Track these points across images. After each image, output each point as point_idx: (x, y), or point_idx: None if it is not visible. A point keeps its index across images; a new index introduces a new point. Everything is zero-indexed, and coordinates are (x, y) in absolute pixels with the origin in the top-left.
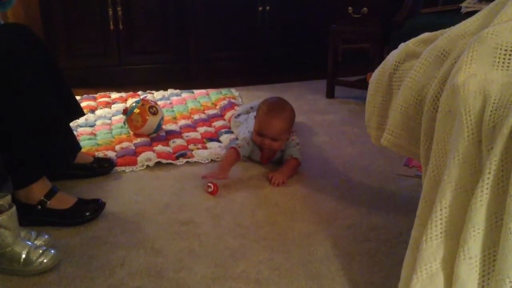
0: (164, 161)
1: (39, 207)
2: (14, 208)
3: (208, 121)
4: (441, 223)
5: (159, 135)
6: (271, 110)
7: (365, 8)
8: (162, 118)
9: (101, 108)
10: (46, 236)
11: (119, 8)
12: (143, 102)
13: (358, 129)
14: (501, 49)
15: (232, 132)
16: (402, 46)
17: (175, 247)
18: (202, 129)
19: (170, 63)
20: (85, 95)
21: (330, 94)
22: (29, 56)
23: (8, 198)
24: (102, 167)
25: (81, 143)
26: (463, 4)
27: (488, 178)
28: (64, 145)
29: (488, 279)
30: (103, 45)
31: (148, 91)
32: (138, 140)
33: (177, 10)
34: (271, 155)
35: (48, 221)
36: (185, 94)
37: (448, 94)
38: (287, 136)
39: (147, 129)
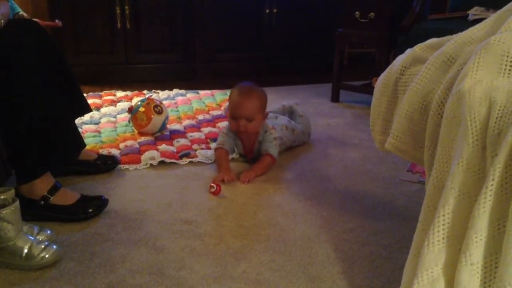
0: (167, 160)
1: (42, 202)
2: (17, 203)
3: (212, 121)
4: (443, 229)
5: (163, 134)
6: (242, 91)
7: (372, 13)
8: (167, 118)
9: (106, 106)
10: (49, 232)
11: (126, 7)
12: (148, 101)
13: (362, 134)
14: (507, 56)
15: None
16: (408, 51)
17: (176, 245)
18: (206, 130)
19: (176, 63)
20: (90, 93)
21: (335, 98)
22: (36, 51)
23: (12, 192)
24: (106, 164)
25: (86, 140)
26: (471, 11)
27: (492, 185)
28: (68, 141)
29: (489, 286)
30: (110, 43)
31: (153, 90)
32: (142, 138)
33: (184, 10)
34: (251, 143)
35: (51, 216)
36: (190, 94)
37: (453, 100)
38: (261, 116)
39: (151, 128)
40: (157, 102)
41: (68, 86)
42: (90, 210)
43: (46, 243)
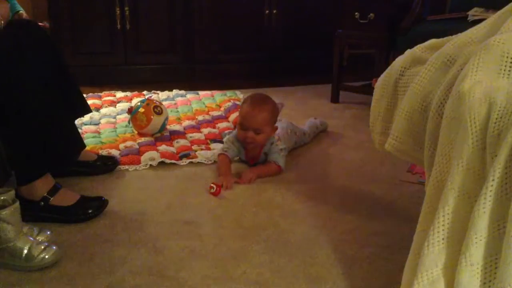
0: (167, 161)
1: (42, 203)
2: (17, 204)
3: (212, 122)
4: (443, 229)
5: (163, 135)
6: (254, 102)
7: (371, 14)
8: (167, 118)
9: (106, 107)
10: (48, 232)
11: (126, 8)
12: (148, 102)
13: (362, 134)
14: (507, 57)
15: None
16: (408, 52)
17: (176, 246)
18: (206, 130)
19: (176, 64)
20: (90, 94)
21: (334, 99)
22: (34, 52)
23: (12, 193)
24: (106, 165)
25: (86, 141)
26: (470, 12)
27: (492, 185)
28: (68, 142)
29: (489, 286)
30: (110, 44)
31: (153, 91)
32: (142, 139)
33: (184, 11)
34: (255, 154)
35: (51, 217)
36: (189, 95)
37: (453, 100)
38: (269, 129)
39: (151, 129)
40: (157, 102)
41: (67, 86)
42: (90, 211)
43: (46, 244)
